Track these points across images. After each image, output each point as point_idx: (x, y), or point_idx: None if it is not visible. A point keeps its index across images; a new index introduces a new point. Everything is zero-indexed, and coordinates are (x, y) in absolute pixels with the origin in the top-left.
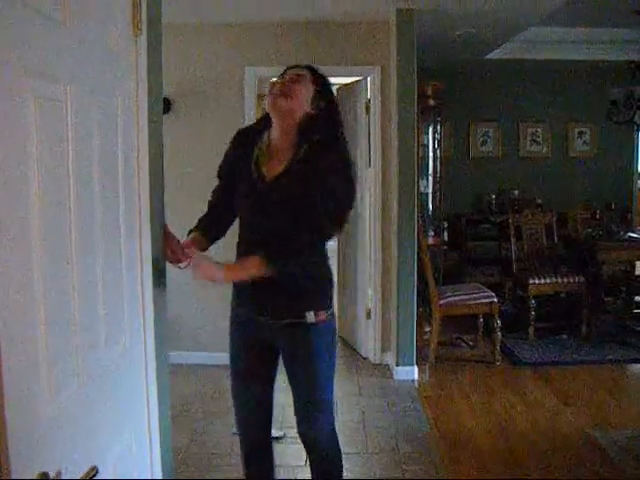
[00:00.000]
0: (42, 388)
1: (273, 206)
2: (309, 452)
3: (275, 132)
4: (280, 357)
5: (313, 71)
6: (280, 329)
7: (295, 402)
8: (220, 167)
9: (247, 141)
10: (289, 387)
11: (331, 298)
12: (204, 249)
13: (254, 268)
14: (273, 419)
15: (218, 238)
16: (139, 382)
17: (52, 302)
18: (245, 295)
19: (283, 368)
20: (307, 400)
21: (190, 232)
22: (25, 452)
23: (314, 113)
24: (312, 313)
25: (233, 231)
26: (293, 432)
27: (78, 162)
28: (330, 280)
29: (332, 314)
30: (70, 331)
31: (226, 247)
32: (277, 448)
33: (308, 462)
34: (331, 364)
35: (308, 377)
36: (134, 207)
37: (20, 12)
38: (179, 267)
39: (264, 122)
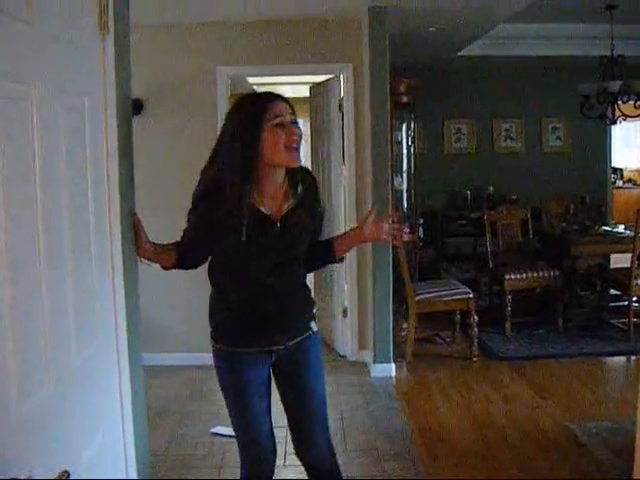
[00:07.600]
0: (11, 392)
1: (290, 238)
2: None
3: (276, 178)
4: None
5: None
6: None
7: (299, 422)
8: (192, 215)
9: (219, 194)
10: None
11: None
12: (166, 266)
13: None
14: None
15: (184, 267)
16: (112, 384)
17: (19, 306)
18: (253, 332)
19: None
20: (317, 417)
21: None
22: None
23: None
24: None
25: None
26: None
27: (45, 162)
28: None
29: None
30: (39, 335)
31: None
32: None
33: None
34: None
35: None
36: (104, 209)
37: None
38: (140, 261)
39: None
